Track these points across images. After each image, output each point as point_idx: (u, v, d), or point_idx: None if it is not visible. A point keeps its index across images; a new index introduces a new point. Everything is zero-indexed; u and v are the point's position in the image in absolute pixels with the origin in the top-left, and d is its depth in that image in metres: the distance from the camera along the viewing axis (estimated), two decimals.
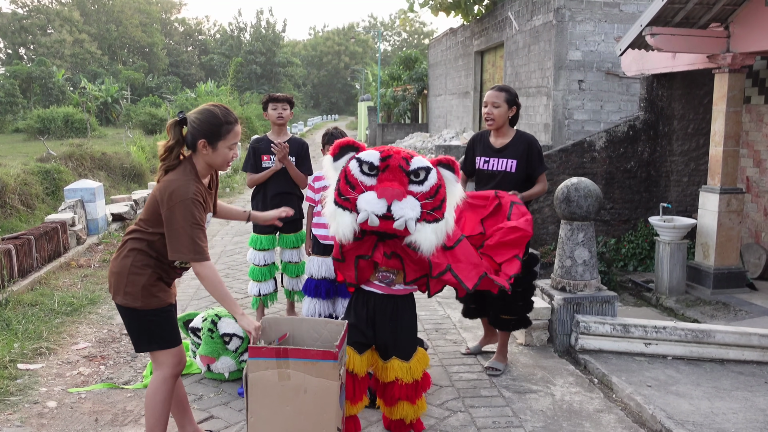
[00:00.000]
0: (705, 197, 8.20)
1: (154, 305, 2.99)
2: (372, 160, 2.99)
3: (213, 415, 3.74)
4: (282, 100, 4.99)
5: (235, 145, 3.02)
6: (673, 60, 8.91)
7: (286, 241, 5.11)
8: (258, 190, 5.06)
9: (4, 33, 61.58)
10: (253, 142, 5.09)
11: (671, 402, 4.01)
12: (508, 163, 4.29)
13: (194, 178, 2.95)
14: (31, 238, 6.38)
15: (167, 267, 3.05)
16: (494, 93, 4.37)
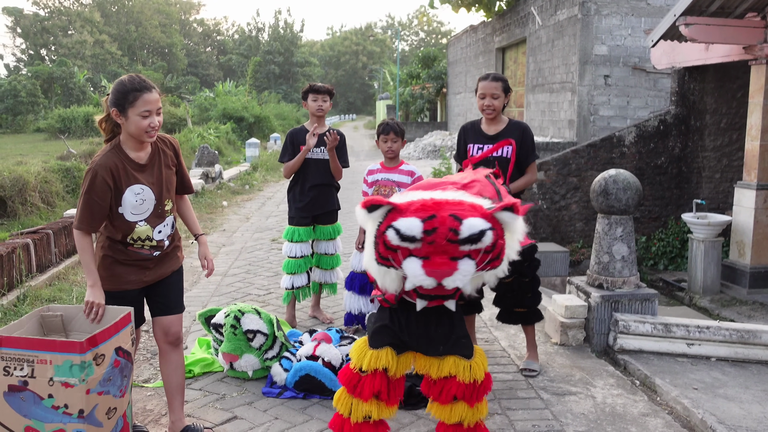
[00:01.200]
0: (740, 193, 7.91)
1: (106, 287, 3.02)
2: (413, 233, 2.56)
3: (236, 415, 3.55)
4: (323, 92, 4.85)
5: (149, 113, 2.91)
6: (706, 52, 8.62)
7: (323, 232, 5.00)
8: (295, 181, 4.93)
9: (26, 34, 62.18)
10: (290, 133, 4.96)
11: (720, 406, 3.78)
12: (506, 149, 4.20)
13: (116, 152, 2.98)
14: (49, 233, 6.25)
15: (121, 246, 3.05)
16: (493, 84, 4.23)
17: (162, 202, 3.09)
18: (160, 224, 3.10)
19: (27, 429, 2.74)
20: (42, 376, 2.70)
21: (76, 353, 2.67)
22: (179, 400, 3.26)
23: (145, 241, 3.05)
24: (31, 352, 2.70)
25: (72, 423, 2.71)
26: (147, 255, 3.10)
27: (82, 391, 2.69)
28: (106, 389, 2.81)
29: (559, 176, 9.22)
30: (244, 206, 11.65)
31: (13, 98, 35.38)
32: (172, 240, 3.22)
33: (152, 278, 3.15)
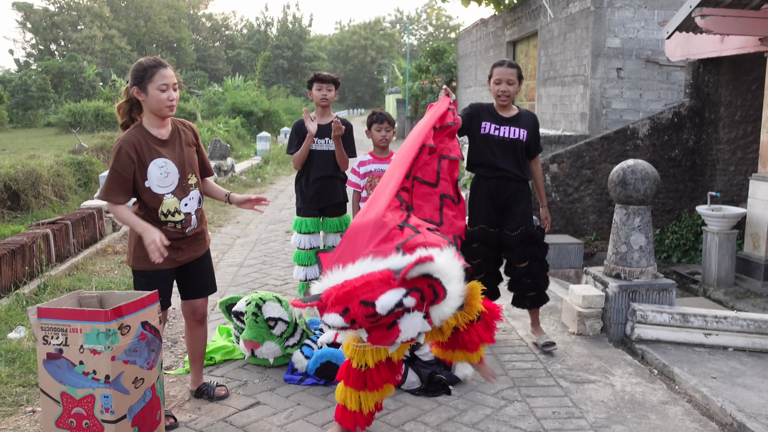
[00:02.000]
0: (755, 186, 7.88)
1: (141, 266, 3.27)
2: (340, 325, 2.65)
3: (259, 401, 3.59)
4: (328, 81, 4.76)
5: (167, 87, 3.13)
6: (721, 44, 8.59)
7: (330, 224, 4.92)
8: (301, 173, 4.88)
9: (36, 29, 62.40)
10: (296, 124, 4.88)
11: (739, 394, 3.79)
12: (520, 132, 4.33)
13: (139, 129, 3.20)
14: (68, 224, 6.31)
15: (154, 225, 3.18)
16: (509, 70, 4.32)
17: (185, 175, 3.27)
18: (185, 197, 3.28)
19: (62, 394, 2.84)
20: (74, 344, 2.81)
21: (102, 321, 2.78)
22: (199, 364, 3.66)
23: (174, 215, 3.22)
24: (65, 322, 2.81)
25: (100, 388, 2.81)
26: (179, 234, 3.27)
27: (107, 357, 2.79)
28: (132, 359, 2.89)
29: (572, 169, 9.21)
30: None
31: (23, 93, 35.59)
32: (201, 219, 3.39)
33: (184, 258, 3.35)
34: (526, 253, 4.35)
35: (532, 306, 4.51)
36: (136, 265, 3.30)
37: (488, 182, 4.35)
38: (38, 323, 2.86)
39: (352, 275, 2.68)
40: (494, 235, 4.37)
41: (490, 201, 4.35)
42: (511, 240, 4.33)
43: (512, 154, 4.32)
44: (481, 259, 4.36)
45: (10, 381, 3.78)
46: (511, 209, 4.33)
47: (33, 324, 2.91)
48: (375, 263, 2.71)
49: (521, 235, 4.32)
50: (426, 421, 3.41)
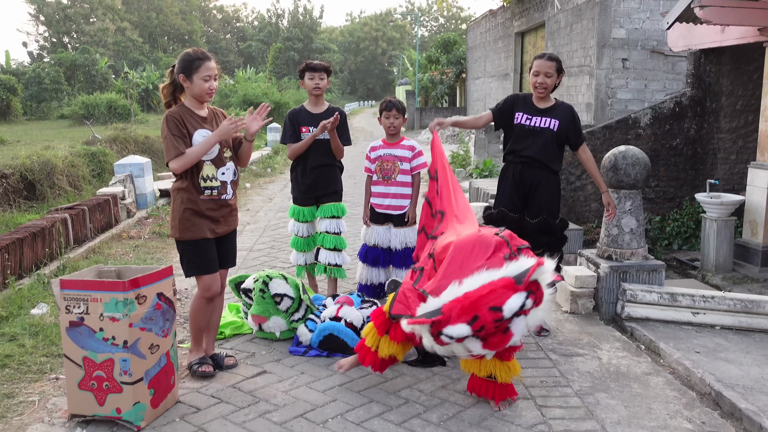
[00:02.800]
0: (754, 174, 8.03)
1: (188, 237, 3.60)
2: (465, 334, 2.92)
3: (266, 370, 3.85)
4: (319, 69, 4.75)
5: (209, 78, 3.57)
6: (722, 34, 8.71)
7: (325, 210, 4.93)
8: (297, 162, 4.91)
9: (48, 22, 62.89)
10: (290, 113, 4.94)
11: (720, 367, 3.99)
12: (552, 122, 4.43)
13: (182, 107, 3.60)
14: (85, 209, 6.58)
15: (196, 197, 3.58)
16: (548, 63, 4.41)
17: (222, 148, 3.67)
18: (222, 167, 3.68)
19: (84, 359, 3.10)
20: (94, 313, 3.07)
21: (120, 291, 3.06)
22: (213, 334, 3.94)
23: (212, 180, 3.58)
24: (85, 292, 3.08)
25: (119, 352, 3.07)
26: (214, 202, 3.61)
27: (125, 324, 3.06)
28: (148, 327, 3.16)
29: (574, 157, 9.37)
30: (266, 188, 11.96)
31: (37, 85, 35.98)
32: (234, 191, 3.75)
33: (222, 230, 3.71)
34: (541, 241, 4.43)
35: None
36: (182, 236, 3.60)
37: (514, 167, 4.51)
38: (61, 294, 3.11)
39: (472, 287, 2.91)
40: (514, 219, 4.49)
41: (514, 186, 4.50)
42: (529, 227, 4.47)
43: (541, 143, 4.42)
44: None
45: (35, 351, 4.05)
46: (534, 197, 4.47)
47: (56, 294, 3.17)
48: (492, 273, 2.94)
49: (539, 223, 4.45)
50: (421, 388, 3.65)
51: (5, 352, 3.97)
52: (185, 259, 3.67)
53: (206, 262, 3.66)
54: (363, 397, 3.53)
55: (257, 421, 3.25)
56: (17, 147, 14.99)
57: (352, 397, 3.51)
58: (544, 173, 4.48)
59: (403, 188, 4.84)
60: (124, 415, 3.11)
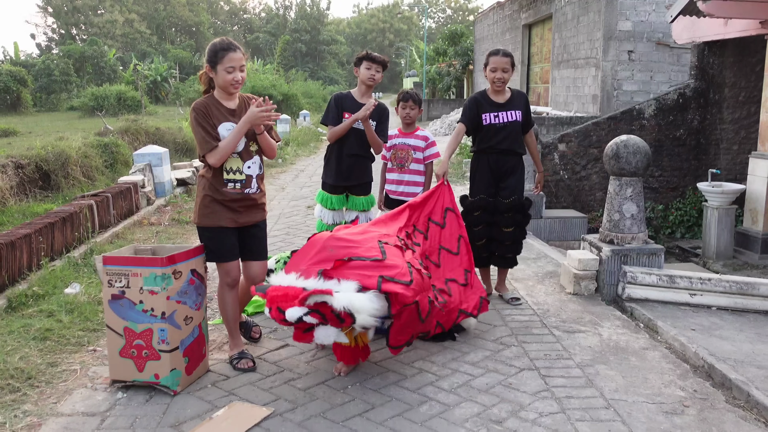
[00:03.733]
0: (754, 163, 8.25)
1: (206, 223, 3.68)
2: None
3: (288, 343, 4.13)
4: (379, 62, 4.68)
5: (233, 69, 3.57)
6: (725, 27, 8.91)
7: (356, 203, 4.93)
8: (332, 150, 4.86)
9: (57, 14, 63.18)
10: (335, 96, 4.87)
11: (714, 343, 4.24)
12: (515, 113, 4.83)
13: (210, 98, 3.67)
14: (108, 196, 6.88)
15: (218, 186, 3.65)
16: (504, 59, 4.77)
17: (250, 141, 3.70)
18: (249, 160, 3.71)
19: (125, 329, 3.38)
20: (135, 287, 3.35)
21: (159, 267, 3.34)
22: (241, 307, 4.07)
23: (236, 173, 3.65)
24: (127, 268, 3.36)
25: (157, 323, 3.36)
26: (238, 194, 3.67)
27: (163, 297, 3.35)
28: (183, 300, 3.44)
29: (580, 148, 9.62)
30: (278, 178, 12.23)
31: (47, 77, 36.25)
32: (260, 186, 3.80)
33: (243, 221, 3.73)
34: (513, 219, 4.88)
35: (505, 266, 5.08)
36: (201, 222, 3.68)
37: (488, 157, 4.84)
38: (104, 269, 3.39)
39: (284, 283, 3.32)
40: (493, 204, 4.88)
41: (490, 173, 4.84)
42: (502, 206, 4.85)
43: (512, 135, 4.83)
44: (483, 226, 4.85)
45: (72, 326, 4.34)
46: (506, 180, 4.86)
47: (99, 270, 3.45)
48: (299, 280, 3.31)
49: (512, 203, 4.84)
50: (433, 360, 3.92)
51: (45, 327, 4.26)
52: (206, 246, 3.72)
53: (222, 250, 3.69)
54: (380, 367, 3.80)
55: (283, 387, 3.54)
56: (30, 138, 15.25)
57: (370, 368, 3.79)
58: (516, 158, 4.92)
59: (416, 176, 5.09)
60: (162, 380, 3.40)
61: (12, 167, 9.10)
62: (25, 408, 3.31)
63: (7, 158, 9.13)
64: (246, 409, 3.26)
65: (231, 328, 3.89)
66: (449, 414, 3.27)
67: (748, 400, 3.50)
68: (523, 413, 3.29)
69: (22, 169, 9.22)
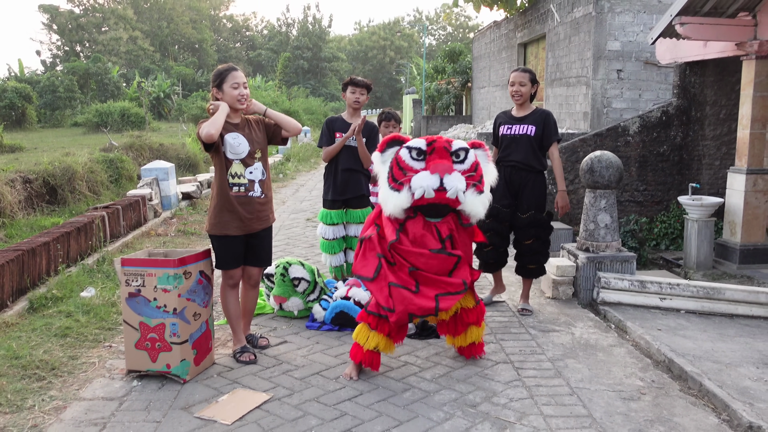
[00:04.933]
0: (732, 177, 8.66)
1: (215, 232, 4.07)
2: (420, 146, 3.69)
3: (286, 340, 4.54)
4: (362, 85, 5.21)
5: (238, 85, 4.03)
6: (705, 48, 9.36)
7: (354, 216, 5.28)
8: (329, 165, 5.34)
9: (61, 31, 63.98)
10: (327, 120, 5.40)
11: (677, 341, 4.63)
12: (528, 128, 5.13)
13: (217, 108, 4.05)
14: (119, 208, 7.30)
15: (226, 192, 4.02)
16: (520, 74, 5.19)
17: (254, 149, 4.10)
18: (250, 166, 4.09)
19: (140, 324, 3.77)
20: (149, 285, 3.74)
21: (171, 267, 3.74)
22: (248, 318, 4.44)
23: (239, 177, 4.05)
24: (142, 269, 3.76)
25: (169, 318, 3.75)
26: (243, 197, 4.04)
27: (175, 295, 3.75)
28: (193, 298, 3.85)
29: (567, 163, 10.04)
30: (279, 192, 12.67)
31: (51, 93, 36.79)
32: (265, 191, 4.19)
33: (250, 228, 4.11)
34: (530, 233, 5.19)
35: (530, 276, 5.37)
36: (211, 231, 4.08)
37: (504, 170, 5.16)
38: (122, 270, 3.80)
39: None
40: (506, 213, 5.20)
41: (505, 185, 5.16)
42: (521, 221, 5.19)
43: (522, 148, 5.12)
44: (491, 233, 5.21)
45: (89, 325, 4.75)
46: (523, 195, 5.16)
47: (117, 271, 3.86)
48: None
49: (529, 218, 5.15)
50: (418, 354, 4.32)
51: (65, 325, 4.66)
52: (214, 251, 4.13)
53: (227, 258, 4.10)
54: None
55: (282, 377, 3.94)
56: (36, 154, 15.63)
57: None
58: (530, 174, 5.17)
59: None
60: (173, 369, 3.79)
61: (20, 182, 9.39)
62: (51, 393, 3.71)
63: (15, 173, 9.43)
64: (248, 394, 3.67)
65: (234, 325, 4.28)
66: (429, 399, 3.66)
67: (701, 389, 3.89)
68: (495, 399, 3.68)
69: (30, 184, 9.50)
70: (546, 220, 5.22)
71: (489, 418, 3.45)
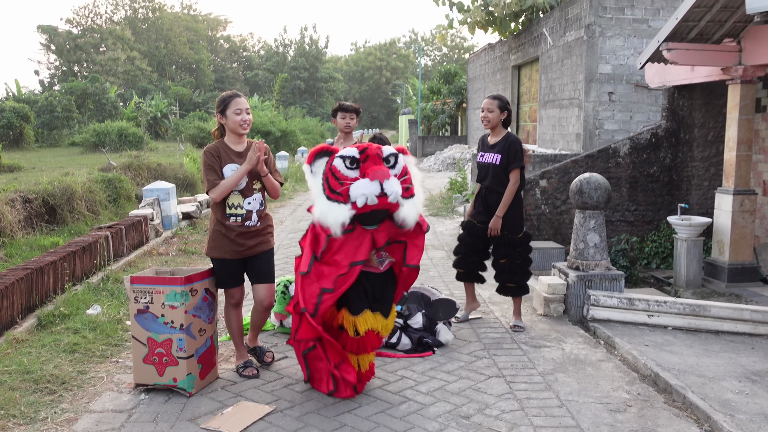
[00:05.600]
0: (720, 198, 8.90)
1: (213, 255, 4.26)
2: (353, 154, 3.72)
3: (287, 356, 4.71)
4: (351, 110, 5.45)
5: (241, 111, 4.18)
6: (692, 72, 9.64)
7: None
8: None
9: (59, 51, 64.36)
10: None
11: (663, 356, 4.82)
12: (495, 156, 5.35)
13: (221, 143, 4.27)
14: (122, 228, 7.48)
15: (224, 221, 4.18)
16: (490, 101, 5.44)
17: (252, 181, 4.22)
18: (249, 197, 4.23)
19: (148, 339, 3.94)
20: (158, 302, 3.92)
21: (179, 285, 3.92)
22: (256, 332, 4.60)
23: (237, 208, 4.19)
24: (151, 286, 3.93)
25: (176, 333, 3.92)
26: (238, 226, 4.18)
27: (181, 311, 3.93)
28: (198, 314, 4.03)
29: (560, 183, 10.27)
30: (277, 212, 12.86)
31: (49, 113, 36.93)
32: (263, 220, 4.30)
33: (247, 252, 4.25)
34: (502, 252, 5.42)
35: (510, 294, 5.56)
36: (209, 254, 4.26)
37: (482, 190, 5.51)
38: (131, 288, 3.98)
39: None
40: (479, 228, 5.45)
41: (482, 203, 5.46)
42: (493, 239, 5.43)
43: (491, 174, 5.40)
44: (461, 243, 5.56)
45: (96, 341, 4.91)
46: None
47: (127, 288, 4.03)
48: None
49: (502, 238, 5.37)
50: (414, 369, 4.50)
51: (73, 341, 4.83)
52: (215, 273, 4.27)
53: (225, 277, 4.25)
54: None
55: (283, 390, 4.11)
56: (34, 173, 15.69)
57: None
58: (501, 197, 5.35)
59: None
60: (180, 383, 3.96)
61: (20, 201, 9.46)
62: (62, 406, 3.87)
63: (15, 193, 9.53)
64: (252, 407, 3.83)
65: (236, 341, 4.45)
66: (425, 411, 3.84)
67: (684, 402, 4.07)
68: (488, 411, 3.86)
69: (30, 204, 9.54)
70: (517, 240, 5.38)
71: (482, 429, 3.62)
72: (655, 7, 13.69)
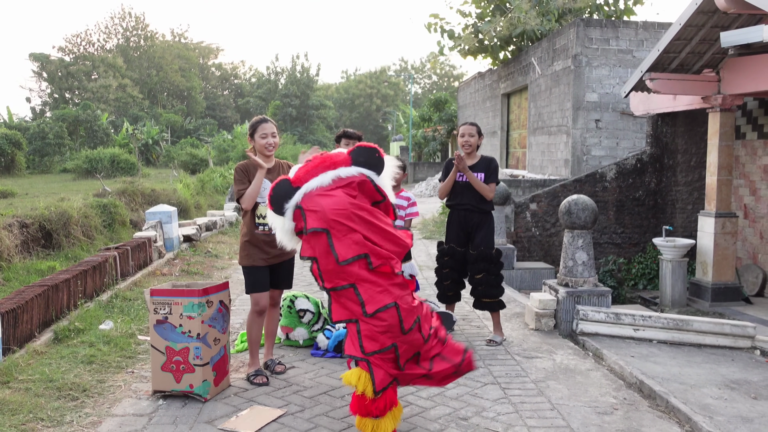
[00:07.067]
0: (703, 221, 9.28)
1: (244, 263, 4.64)
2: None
3: (294, 366, 4.97)
4: (355, 137, 5.74)
5: (266, 135, 4.62)
6: (675, 101, 10.10)
7: None
8: None
9: (51, 78, 64.66)
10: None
11: (648, 366, 5.12)
12: (479, 175, 5.71)
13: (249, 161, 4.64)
14: (128, 249, 7.74)
15: (252, 231, 4.58)
16: (469, 127, 5.86)
17: None
18: None
19: (167, 348, 4.21)
20: (176, 313, 4.19)
21: (196, 296, 4.19)
22: (271, 340, 4.92)
23: (265, 218, 4.46)
24: (169, 298, 4.20)
25: (193, 342, 4.19)
26: (266, 236, 4.52)
27: (198, 321, 4.20)
28: (214, 324, 4.30)
29: (549, 207, 10.64)
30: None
31: (41, 140, 37.07)
32: None
33: (276, 259, 4.64)
34: (480, 267, 5.72)
35: (488, 309, 5.85)
36: (241, 262, 4.64)
37: (458, 213, 5.82)
38: (150, 299, 4.25)
39: None
40: (461, 253, 5.83)
41: (459, 226, 5.80)
42: (471, 256, 5.77)
43: (473, 192, 5.72)
44: (449, 270, 5.86)
45: (111, 353, 5.16)
46: (475, 234, 5.75)
47: (147, 300, 4.31)
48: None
49: (479, 254, 5.72)
50: None
51: (89, 353, 5.08)
52: (244, 279, 4.66)
53: (255, 283, 4.59)
54: None
55: (293, 396, 4.38)
56: (28, 199, 15.76)
57: None
58: (481, 215, 5.77)
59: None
60: (196, 389, 4.22)
61: (17, 226, 9.58)
62: (85, 411, 4.12)
63: (12, 218, 9.65)
64: (265, 410, 4.10)
65: (252, 349, 4.72)
66: (426, 414, 4.12)
67: (667, 406, 4.37)
68: (484, 413, 4.14)
69: (27, 228, 9.56)
70: (494, 255, 5.75)
71: (479, 429, 3.90)
72: (638, 39, 14.22)
